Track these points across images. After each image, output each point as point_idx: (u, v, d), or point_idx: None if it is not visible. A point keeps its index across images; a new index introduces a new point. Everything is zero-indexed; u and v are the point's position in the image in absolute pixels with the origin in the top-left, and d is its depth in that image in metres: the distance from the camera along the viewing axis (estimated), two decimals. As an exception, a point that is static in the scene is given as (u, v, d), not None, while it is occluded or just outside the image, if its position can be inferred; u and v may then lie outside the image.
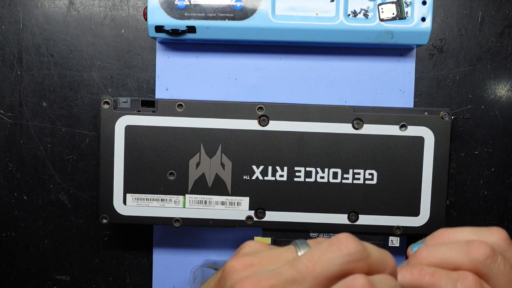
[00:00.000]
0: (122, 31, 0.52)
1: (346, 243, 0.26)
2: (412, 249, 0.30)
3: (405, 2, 0.46)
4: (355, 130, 0.47)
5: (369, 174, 0.47)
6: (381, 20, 0.46)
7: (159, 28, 0.46)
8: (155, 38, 0.48)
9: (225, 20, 0.46)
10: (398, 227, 0.47)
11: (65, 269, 0.54)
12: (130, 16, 0.51)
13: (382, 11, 0.46)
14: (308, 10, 0.46)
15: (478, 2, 0.51)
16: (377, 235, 0.48)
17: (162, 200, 0.47)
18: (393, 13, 0.46)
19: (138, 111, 0.47)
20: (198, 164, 0.47)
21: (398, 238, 0.48)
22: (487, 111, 0.52)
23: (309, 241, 0.31)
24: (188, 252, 0.53)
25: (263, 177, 0.47)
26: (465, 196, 0.52)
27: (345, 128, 0.47)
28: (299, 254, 0.29)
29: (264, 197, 0.47)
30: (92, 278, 0.54)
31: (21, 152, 0.52)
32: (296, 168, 0.47)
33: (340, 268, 0.26)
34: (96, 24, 0.51)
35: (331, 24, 0.46)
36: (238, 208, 0.47)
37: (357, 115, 0.47)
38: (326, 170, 0.47)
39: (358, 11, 0.46)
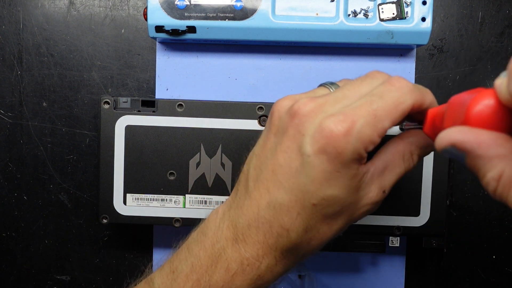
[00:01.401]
0: (122, 31, 0.52)
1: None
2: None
3: (405, 2, 0.46)
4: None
5: (369, 174, 0.47)
6: (381, 20, 0.46)
7: (159, 28, 0.46)
8: (155, 38, 0.48)
9: (225, 20, 0.46)
10: (398, 227, 0.47)
11: (65, 269, 0.54)
12: (130, 16, 0.51)
13: (382, 11, 0.46)
14: (308, 10, 0.46)
15: (478, 2, 0.51)
16: (377, 235, 0.48)
17: (162, 200, 0.47)
18: (393, 13, 0.46)
19: (138, 111, 0.47)
20: (198, 164, 0.47)
21: (398, 238, 0.48)
22: (487, 111, 0.51)
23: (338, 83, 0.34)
24: (188, 252, 0.53)
25: (263, 177, 0.47)
26: (465, 196, 0.52)
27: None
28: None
29: (264, 197, 0.47)
30: (92, 278, 0.54)
31: (21, 152, 0.52)
32: (296, 168, 0.47)
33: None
34: (96, 24, 0.51)
35: (331, 24, 0.46)
36: (238, 208, 0.47)
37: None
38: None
39: (358, 11, 0.46)
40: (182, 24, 0.46)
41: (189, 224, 0.47)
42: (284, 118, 0.31)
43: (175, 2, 0.46)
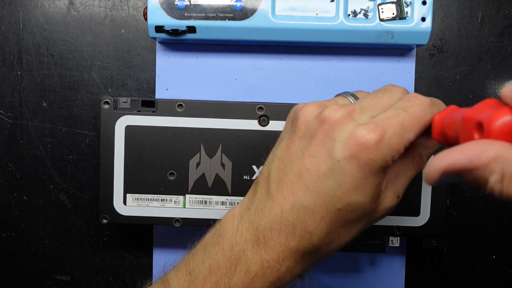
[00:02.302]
0: (122, 31, 0.52)
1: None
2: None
3: (405, 2, 0.46)
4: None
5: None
6: (381, 20, 0.46)
7: (159, 28, 0.46)
8: (155, 38, 0.48)
9: (225, 20, 0.46)
10: (398, 227, 0.47)
11: (65, 269, 0.54)
12: (130, 16, 0.51)
13: (382, 11, 0.46)
14: (308, 10, 0.46)
15: (478, 2, 0.51)
16: (377, 235, 0.48)
17: (162, 200, 0.47)
18: (393, 13, 0.46)
19: (138, 111, 0.47)
20: (198, 164, 0.47)
21: (398, 238, 0.48)
22: (487, 111, 0.51)
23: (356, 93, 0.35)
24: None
25: (263, 177, 0.47)
26: (465, 196, 0.52)
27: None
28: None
29: (264, 197, 0.47)
30: (92, 278, 0.54)
31: (21, 152, 0.52)
32: (296, 168, 0.47)
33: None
34: (96, 24, 0.51)
35: (331, 24, 0.46)
36: (238, 208, 0.47)
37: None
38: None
39: (358, 11, 0.46)
40: (182, 24, 0.46)
41: (189, 224, 0.47)
42: (313, 124, 0.31)
43: (175, 2, 0.46)
